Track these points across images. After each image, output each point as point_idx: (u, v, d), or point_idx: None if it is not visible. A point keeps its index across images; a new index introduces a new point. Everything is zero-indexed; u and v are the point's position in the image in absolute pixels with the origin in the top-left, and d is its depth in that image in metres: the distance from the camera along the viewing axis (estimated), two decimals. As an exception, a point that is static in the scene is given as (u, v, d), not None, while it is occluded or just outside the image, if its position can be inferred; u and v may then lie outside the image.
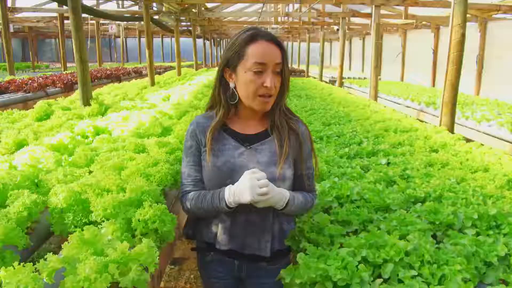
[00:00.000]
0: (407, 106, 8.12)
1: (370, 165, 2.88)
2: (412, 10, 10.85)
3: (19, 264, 1.00)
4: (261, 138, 1.51)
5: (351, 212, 1.95)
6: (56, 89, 7.25)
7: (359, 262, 1.47)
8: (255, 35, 1.40)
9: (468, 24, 10.62)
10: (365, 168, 2.84)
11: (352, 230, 1.87)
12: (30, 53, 17.58)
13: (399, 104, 8.56)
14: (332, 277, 1.38)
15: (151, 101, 4.54)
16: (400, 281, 1.40)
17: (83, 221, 1.40)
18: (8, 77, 8.25)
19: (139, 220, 1.33)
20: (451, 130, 4.41)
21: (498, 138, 5.23)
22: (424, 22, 12.20)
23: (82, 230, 1.17)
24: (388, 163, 2.98)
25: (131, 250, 1.09)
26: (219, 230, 1.53)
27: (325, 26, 13.05)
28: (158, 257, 1.17)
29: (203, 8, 11.05)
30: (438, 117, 4.76)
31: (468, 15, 9.62)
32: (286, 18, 11.87)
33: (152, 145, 2.11)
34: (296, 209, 1.53)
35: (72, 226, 1.41)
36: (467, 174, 2.72)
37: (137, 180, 1.50)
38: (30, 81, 6.87)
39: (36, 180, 1.72)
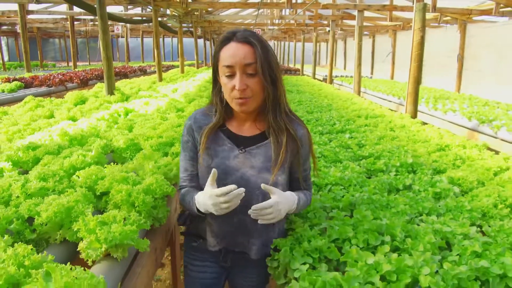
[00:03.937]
0: (389, 101, 8.98)
1: (336, 138, 3.72)
2: (398, 13, 11.69)
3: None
4: (257, 141, 1.44)
5: (312, 162, 2.80)
6: (73, 84, 8.13)
7: (310, 184, 2.31)
8: (228, 38, 1.35)
9: (448, 26, 11.49)
10: (332, 140, 3.69)
11: (311, 172, 2.72)
12: (39, 52, 18.43)
13: (383, 99, 9.42)
14: (291, 190, 2.23)
15: (163, 92, 5.40)
16: (333, 192, 2.24)
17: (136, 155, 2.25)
18: (26, 74, 9.12)
19: (172, 153, 2.18)
20: (414, 116, 5.25)
21: (459, 125, 6.08)
22: (411, 24, 13.07)
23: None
24: (351, 138, 3.82)
25: (172, 161, 1.95)
26: (208, 232, 1.51)
27: (318, 28, 13.93)
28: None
29: (204, 11, 11.91)
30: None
31: (448, 18, 10.53)
32: (281, 20, 12.75)
33: (173, 117, 2.96)
34: (301, 208, 1.52)
35: (129, 159, 2.26)
36: (409, 144, 3.56)
37: (169, 131, 2.36)
38: (51, 77, 7.74)
39: (97, 136, 2.57)
